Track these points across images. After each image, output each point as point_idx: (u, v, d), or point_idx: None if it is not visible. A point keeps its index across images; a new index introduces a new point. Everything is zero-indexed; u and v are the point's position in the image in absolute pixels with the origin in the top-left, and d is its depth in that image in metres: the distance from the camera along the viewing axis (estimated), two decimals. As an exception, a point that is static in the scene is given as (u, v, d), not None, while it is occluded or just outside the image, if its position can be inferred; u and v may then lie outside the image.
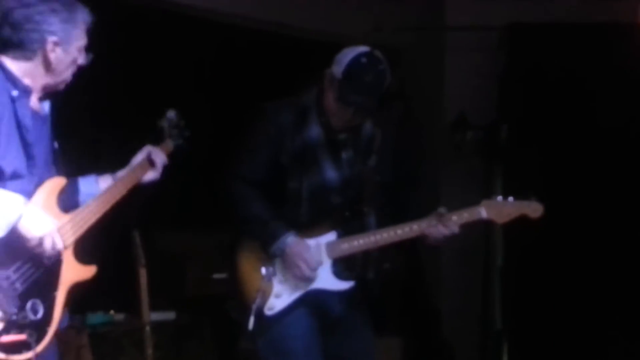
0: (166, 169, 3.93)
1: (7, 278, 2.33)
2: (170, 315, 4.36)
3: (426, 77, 5.70)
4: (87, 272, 2.56)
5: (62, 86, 2.59)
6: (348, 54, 3.06)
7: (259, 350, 3.12)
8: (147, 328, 3.94)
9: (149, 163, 2.85)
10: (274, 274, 3.07)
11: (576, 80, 5.10)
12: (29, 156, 2.47)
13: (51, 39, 2.48)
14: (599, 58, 5.06)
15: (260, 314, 3.02)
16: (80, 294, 2.66)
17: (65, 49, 2.51)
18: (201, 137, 4.83)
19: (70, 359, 3.86)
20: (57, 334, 2.52)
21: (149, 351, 3.93)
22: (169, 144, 3.01)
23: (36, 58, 2.50)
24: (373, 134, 3.14)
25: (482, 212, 3.08)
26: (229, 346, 4.48)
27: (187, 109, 4.59)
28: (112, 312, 4.26)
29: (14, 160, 2.43)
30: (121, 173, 2.80)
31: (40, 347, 2.37)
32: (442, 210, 3.03)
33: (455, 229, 3.05)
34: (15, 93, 2.45)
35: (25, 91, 2.50)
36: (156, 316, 4.15)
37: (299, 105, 3.14)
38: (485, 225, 5.23)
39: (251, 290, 3.07)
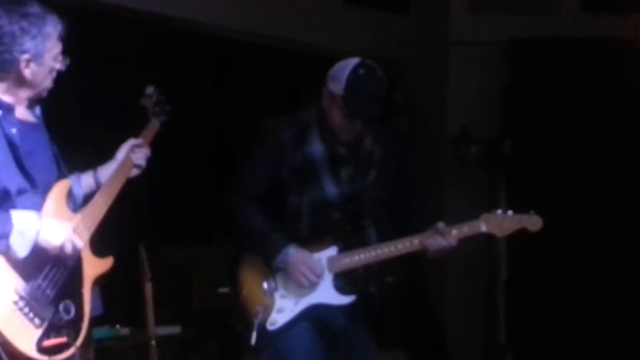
0: (173, 183, 3.96)
1: (39, 287, 2.41)
2: (175, 329, 4.35)
3: (429, 92, 5.72)
4: (105, 264, 2.65)
5: (44, 93, 2.63)
6: (344, 69, 3.07)
7: None
8: (153, 342, 3.93)
9: (135, 159, 2.87)
10: (276, 288, 3.08)
11: (578, 94, 5.13)
12: (25, 171, 2.51)
13: (23, 57, 2.51)
14: (601, 72, 5.09)
15: (262, 329, 3.02)
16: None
17: (39, 62, 2.54)
18: (206, 151, 4.88)
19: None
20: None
21: (154, 365, 3.95)
22: (155, 124, 3.01)
23: (11, 77, 2.53)
24: (372, 150, 3.15)
25: (482, 226, 3.07)
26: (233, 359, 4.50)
27: (188, 123, 4.65)
28: (117, 326, 4.25)
29: (14, 178, 2.48)
30: (105, 168, 2.84)
31: (79, 342, 2.48)
32: (440, 225, 3.03)
33: (454, 242, 3.04)
34: None
35: (8, 108, 2.54)
36: (162, 330, 4.15)
37: (300, 121, 3.15)
38: (489, 239, 5.27)
39: (253, 305, 3.07)
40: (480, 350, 5.37)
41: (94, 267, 2.60)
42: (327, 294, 3.09)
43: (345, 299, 3.09)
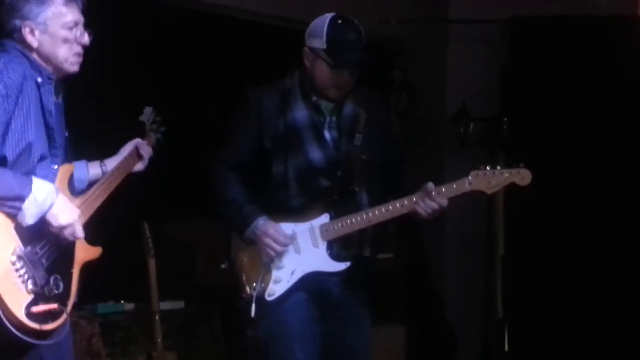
0: (176, 159, 3.99)
1: (36, 253, 2.47)
2: (179, 304, 4.40)
3: (429, 70, 5.73)
4: (94, 252, 2.72)
5: (70, 68, 2.64)
6: (322, 24, 3.09)
7: (260, 335, 3.16)
8: (157, 317, 4.01)
9: (137, 155, 3.01)
10: (272, 259, 3.09)
11: (578, 73, 5.12)
12: (51, 139, 2.58)
13: (24, 23, 2.56)
14: (601, 51, 5.07)
15: (261, 300, 3.06)
16: (91, 284, 2.77)
17: (43, 30, 2.57)
18: (209, 128, 4.90)
19: (82, 347, 3.93)
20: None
21: (159, 339, 4.00)
22: (152, 137, 3.14)
23: (28, 48, 2.58)
24: (356, 114, 3.14)
25: (469, 183, 3.05)
26: (237, 334, 4.56)
27: (191, 102, 4.68)
28: (122, 301, 4.31)
29: (41, 143, 2.55)
30: (110, 161, 2.96)
31: (68, 309, 2.53)
32: (430, 185, 3.02)
33: (444, 202, 3.02)
34: (39, 79, 2.56)
35: (49, 78, 2.60)
36: (165, 305, 4.21)
37: (282, 88, 3.15)
38: (488, 213, 5.32)
39: (250, 277, 3.11)
40: (478, 324, 5.44)
41: (85, 252, 2.67)
42: (322, 261, 3.10)
43: (340, 266, 3.10)
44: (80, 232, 2.56)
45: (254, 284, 3.08)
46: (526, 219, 5.17)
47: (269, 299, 3.08)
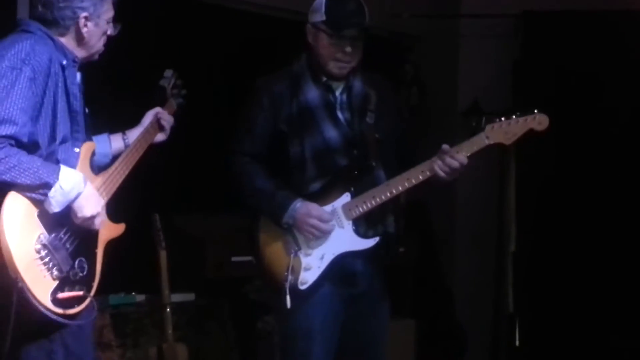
0: (188, 152, 3.98)
1: (60, 239, 2.49)
2: (190, 296, 4.41)
3: (441, 64, 5.74)
4: (118, 229, 2.74)
5: (96, 56, 2.74)
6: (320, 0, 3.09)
7: (280, 325, 3.17)
8: (168, 309, 4.02)
9: (159, 125, 3.00)
10: (299, 247, 3.06)
11: (589, 68, 5.11)
12: (73, 121, 2.61)
13: (83, 14, 2.62)
14: (612, 45, 5.07)
15: (295, 290, 3.02)
16: (102, 275, 2.78)
17: (96, 22, 2.65)
18: (221, 120, 4.92)
19: (93, 338, 3.95)
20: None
21: (169, 331, 4.00)
22: (172, 104, 3.13)
23: (69, 33, 2.63)
24: (366, 93, 3.12)
25: (486, 137, 2.99)
26: (247, 327, 4.58)
27: (203, 93, 4.69)
28: (133, 293, 4.32)
29: (64, 126, 2.57)
30: (133, 132, 2.96)
31: (86, 302, 2.55)
32: (445, 146, 2.97)
33: (463, 159, 2.97)
34: (64, 62, 2.59)
35: (74, 61, 2.64)
36: (176, 297, 4.22)
37: (291, 73, 3.15)
38: (499, 209, 5.32)
39: (280, 269, 3.05)
40: (488, 319, 5.43)
41: (108, 230, 2.69)
42: (350, 241, 3.07)
43: (369, 242, 3.06)
44: (99, 226, 2.58)
45: (285, 274, 3.03)
46: (538, 215, 5.17)
47: (302, 287, 3.04)
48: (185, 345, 4.08)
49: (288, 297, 3.00)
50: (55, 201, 2.44)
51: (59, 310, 2.44)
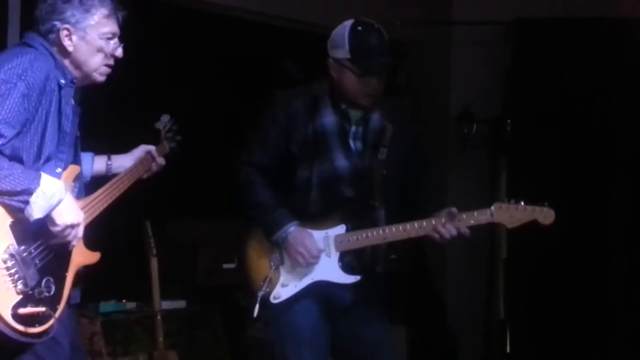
0: (179, 161, 3.99)
1: (30, 253, 2.43)
2: (181, 303, 4.41)
3: (433, 71, 5.74)
4: (92, 257, 2.68)
5: (98, 77, 2.67)
6: (342, 33, 3.06)
7: (269, 336, 3.16)
8: (159, 316, 4.01)
9: (148, 164, 2.99)
10: (282, 262, 3.08)
11: (581, 75, 5.12)
12: (61, 142, 2.58)
13: (63, 26, 2.57)
14: (604, 53, 5.08)
15: (265, 302, 3.05)
16: (93, 283, 2.77)
17: (81, 36, 2.58)
18: (212, 129, 4.92)
19: (83, 345, 3.93)
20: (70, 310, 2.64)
21: (160, 338, 4.00)
22: (165, 146, 3.11)
23: (60, 49, 2.59)
24: (383, 127, 3.11)
25: (492, 214, 3.02)
26: (238, 334, 4.57)
27: (194, 104, 4.69)
28: (124, 300, 4.33)
29: (51, 145, 2.55)
30: (118, 158, 2.93)
31: (57, 314, 2.47)
32: (453, 210, 2.99)
33: (464, 230, 3.01)
34: (62, 81, 2.56)
35: (72, 82, 2.61)
36: (167, 305, 4.22)
37: (311, 93, 3.13)
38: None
39: (258, 278, 3.09)
40: (480, 325, 5.43)
41: (82, 256, 2.63)
42: (332, 271, 3.08)
43: (350, 278, 3.08)
44: (80, 236, 2.52)
45: (261, 284, 3.07)
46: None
47: (273, 301, 3.07)
48: (176, 353, 4.08)
49: (257, 306, 3.02)
50: (37, 206, 2.39)
51: (19, 327, 2.36)
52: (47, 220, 2.45)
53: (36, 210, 2.40)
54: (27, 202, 2.39)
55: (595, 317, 4.97)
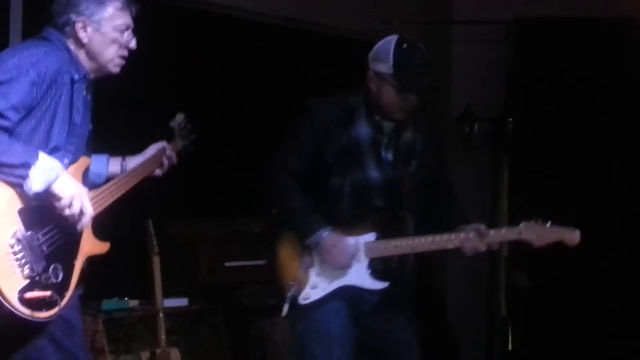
0: (182, 160, 4.02)
1: (38, 239, 2.44)
2: (183, 302, 4.43)
3: (434, 71, 5.73)
4: (101, 247, 2.71)
5: (113, 68, 2.71)
6: (387, 48, 3.12)
7: (297, 335, 3.19)
8: (161, 314, 4.03)
9: (160, 161, 3.03)
10: (312, 265, 3.14)
11: (582, 74, 5.13)
12: (70, 134, 2.61)
13: (78, 18, 2.62)
14: (605, 52, 5.08)
15: (294, 302, 3.11)
16: (95, 281, 2.79)
17: (95, 28, 2.64)
18: (215, 128, 4.93)
19: (86, 343, 3.95)
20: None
21: (162, 336, 4.01)
22: (178, 144, 3.18)
23: (76, 43, 2.64)
24: (414, 140, 3.19)
25: (521, 232, 3.07)
26: (240, 332, 4.58)
27: (199, 102, 4.71)
28: (126, 298, 4.34)
29: (60, 136, 2.58)
30: (132, 160, 2.98)
31: (63, 302, 2.48)
32: (482, 227, 3.05)
33: (496, 245, 3.10)
34: (75, 76, 2.61)
35: (85, 76, 2.66)
36: (169, 303, 4.23)
37: (346, 104, 3.19)
38: (491, 213, 5.33)
39: (288, 278, 3.15)
40: (481, 322, 5.44)
41: (91, 245, 2.65)
42: (361, 277, 3.13)
43: (378, 284, 3.13)
44: (89, 208, 2.51)
45: (291, 283, 3.12)
46: (530, 220, 5.16)
47: (302, 302, 3.13)
48: (179, 351, 4.09)
49: (286, 305, 3.08)
50: (36, 179, 2.39)
51: (26, 311, 2.37)
52: (51, 197, 2.45)
53: (35, 182, 2.40)
54: (26, 177, 2.40)
55: (597, 315, 4.97)
